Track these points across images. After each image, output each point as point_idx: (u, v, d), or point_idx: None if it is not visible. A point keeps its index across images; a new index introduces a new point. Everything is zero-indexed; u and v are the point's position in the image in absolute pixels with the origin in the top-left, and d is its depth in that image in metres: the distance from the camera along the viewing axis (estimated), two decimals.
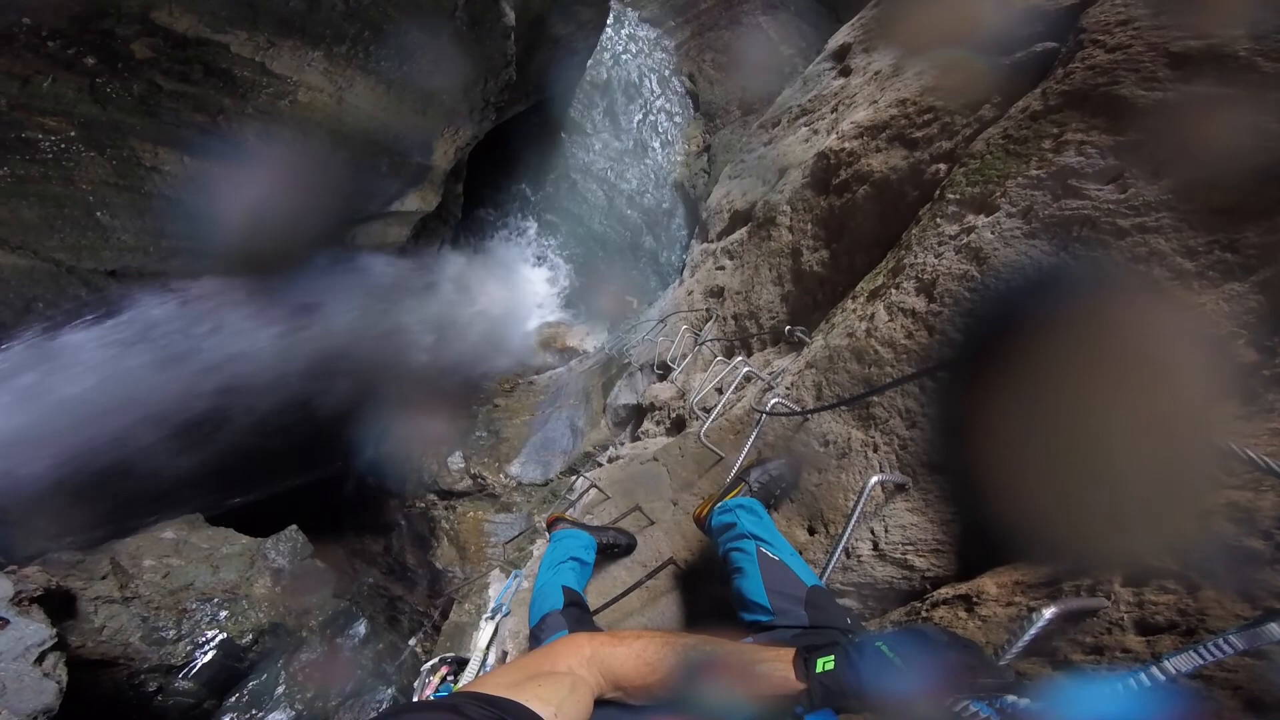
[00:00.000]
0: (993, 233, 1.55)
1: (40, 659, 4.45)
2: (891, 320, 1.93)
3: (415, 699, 2.57)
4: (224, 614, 6.44)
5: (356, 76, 5.94)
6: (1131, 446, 1.01)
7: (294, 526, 7.52)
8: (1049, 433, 1.21)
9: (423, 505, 9.07)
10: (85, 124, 4.77)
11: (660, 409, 5.79)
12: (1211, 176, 1.12)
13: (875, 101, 3.04)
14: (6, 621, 4.50)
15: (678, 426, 5.03)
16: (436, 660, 2.54)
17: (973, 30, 2.44)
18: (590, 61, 13.04)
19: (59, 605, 5.22)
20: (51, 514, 5.92)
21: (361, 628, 7.44)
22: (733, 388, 3.49)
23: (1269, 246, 1.08)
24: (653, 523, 3.06)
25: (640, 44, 14.28)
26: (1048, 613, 1.07)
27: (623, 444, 6.58)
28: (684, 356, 5.76)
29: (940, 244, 1.79)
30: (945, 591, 1.65)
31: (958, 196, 1.77)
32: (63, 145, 4.76)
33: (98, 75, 4.63)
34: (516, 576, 3.06)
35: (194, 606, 6.35)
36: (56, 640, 4.64)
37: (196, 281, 6.16)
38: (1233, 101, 1.10)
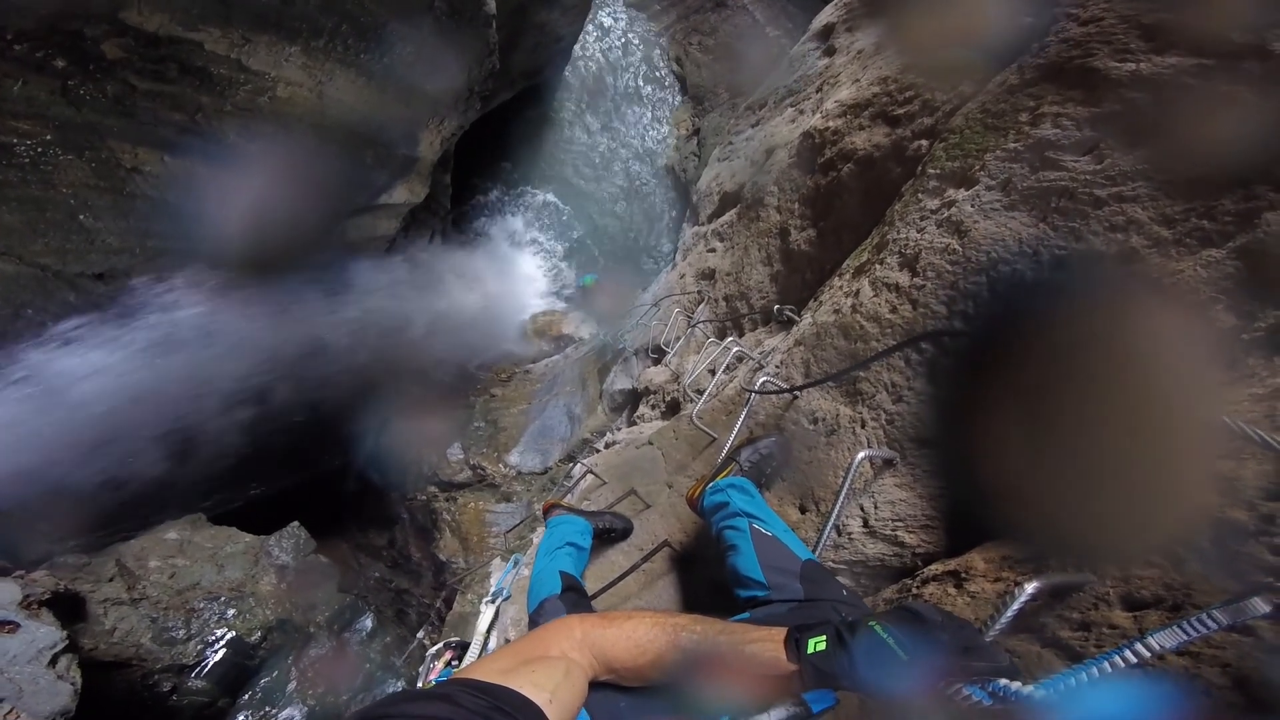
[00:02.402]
0: (973, 206, 1.56)
1: (53, 661, 4.49)
2: (876, 295, 1.93)
3: (420, 684, 2.60)
4: (231, 612, 6.52)
5: (336, 70, 5.85)
6: (1120, 420, 1.00)
7: (295, 523, 7.56)
8: (1033, 405, 1.21)
9: (424, 498, 9.10)
10: (61, 126, 4.69)
11: (655, 393, 5.81)
12: (1187, 146, 1.13)
13: (858, 80, 3.03)
14: (17, 625, 4.52)
15: (673, 409, 5.05)
16: (441, 645, 2.57)
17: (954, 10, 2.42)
18: (576, 47, 12.88)
19: (68, 608, 5.26)
20: (55, 518, 5.92)
21: (368, 621, 7.52)
22: (723, 368, 3.50)
23: (1245, 213, 1.08)
24: (649, 506, 3.08)
25: (626, 28, 14.09)
26: (1030, 587, 1.07)
27: (619, 429, 6.60)
28: (677, 339, 5.76)
29: (922, 219, 1.79)
30: (935, 568, 1.66)
31: (938, 171, 1.76)
32: (39, 149, 4.69)
33: (69, 77, 4.55)
34: (516, 560, 3.09)
35: (202, 606, 6.42)
36: (68, 642, 4.67)
37: (186, 282, 6.12)
38: (1206, 72, 1.10)
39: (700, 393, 3.54)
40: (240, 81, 5.33)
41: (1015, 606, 1.07)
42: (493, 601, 2.82)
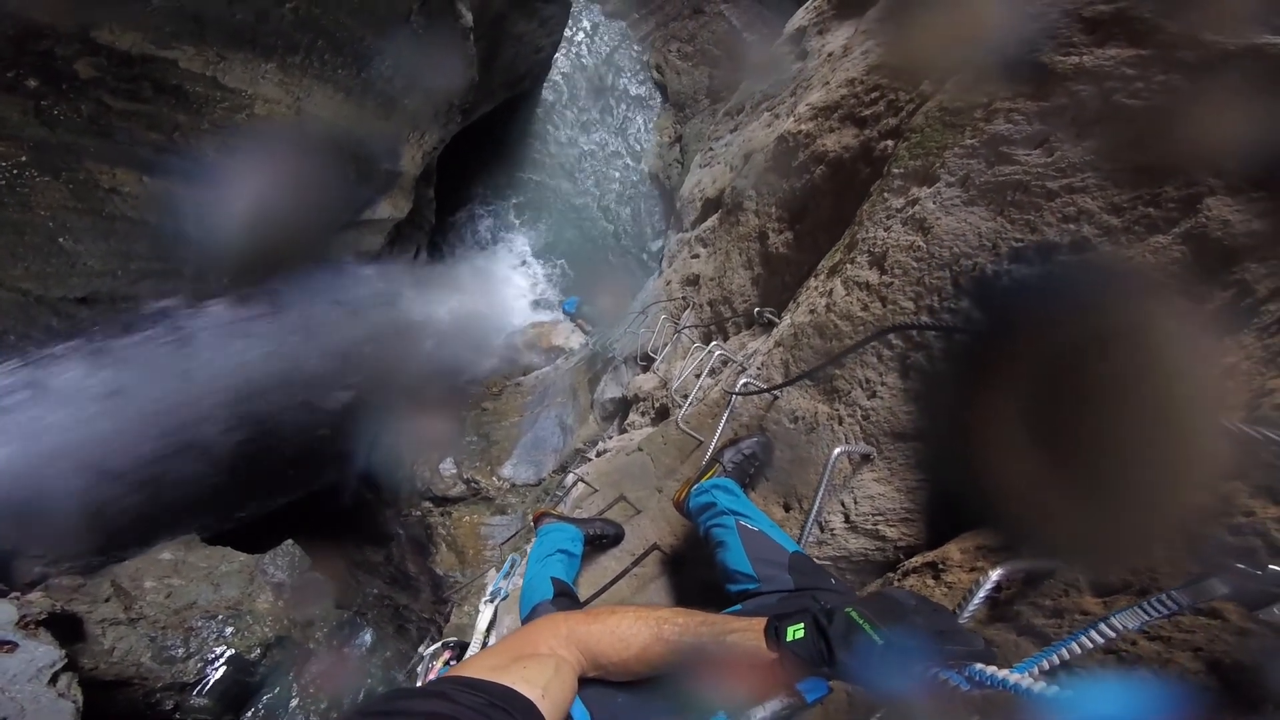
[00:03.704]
0: (934, 203, 1.59)
1: (53, 680, 4.54)
2: (848, 294, 1.97)
3: (420, 684, 2.57)
4: (230, 630, 6.58)
5: (314, 86, 5.85)
6: (1106, 412, 1.01)
7: (289, 541, 7.58)
8: (1002, 393, 1.23)
9: (418, 513, 9.07)
10: (36, 147, 4.65)
11: (644, 400, 5.82)
12: (1130, 135, 1.16)
13: (827, 83, 3.07)
14: (15, 645, 4.56)
15: (662, 415, 5.06)
16: (439, 645, 2.54)
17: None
18: (556, 57, 12.97)
19: (66, 628, 5.31)
20: (47, 540, 5.93)
21: (368, 636, 7.58)
22: (707, 372, 3.53)
23: (1187, 199, 1.12)
24: (639, 511, 3.08)
25: (605, 37, 14.21)
26: (994, 574, 1.08)
27: (611, 437, 6.60)
28: (664, 346, 5.78)
29: (888, 217, 1.83)
30: (915, 561, 1.68)
31: (902, 170, 1.80)
32: (14, 170, 4.64)
33: (43, 97, 4.51)
34: (513, 561, 3.09)
35: (199, 624, 6.48)
36: (67, 661, 4.72)
37: (169, 304, 6.09)
38: (1143, 62, 1.14)
39: (687, 398, 3.56)
40: (217, 99, 5.31)
41: (982, 592, 1.09)
42: (491, 602, 2.83)
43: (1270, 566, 0.82)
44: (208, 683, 6.18)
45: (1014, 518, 1.31)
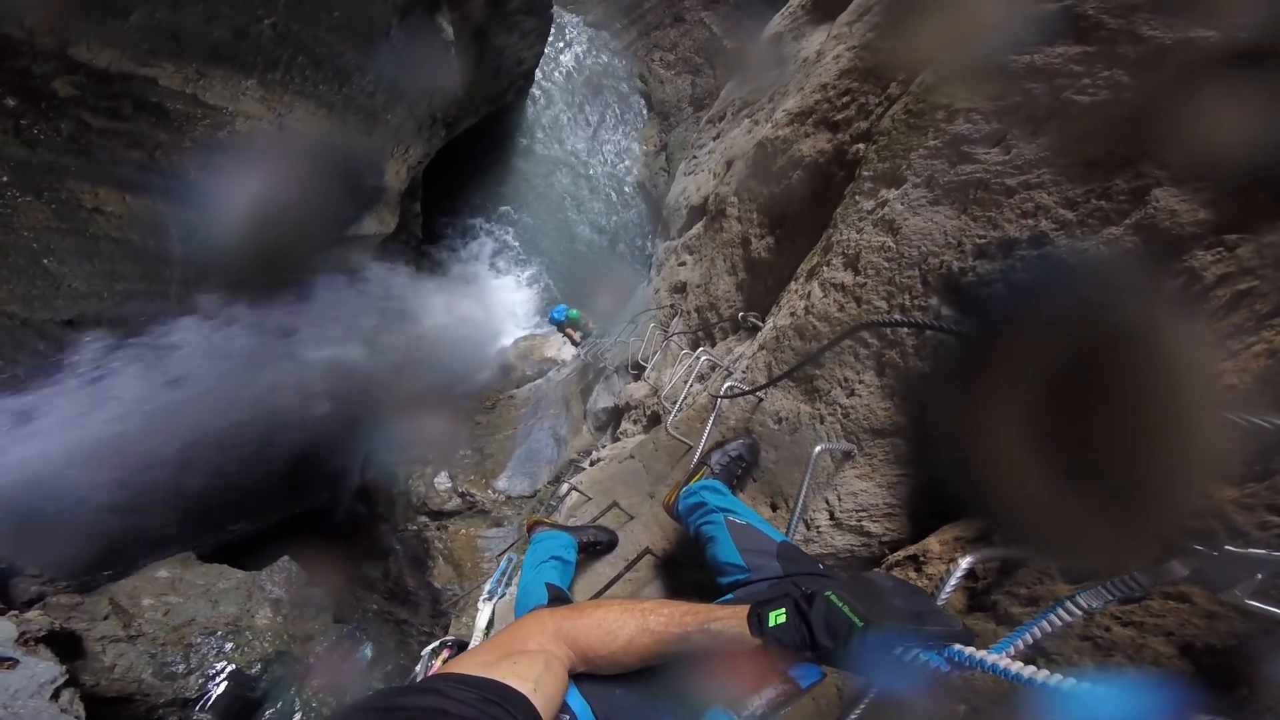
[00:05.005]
0: (902, 204, 1.63)
1: (55, 695, 4.58)
2: (825, 296, 2.00)
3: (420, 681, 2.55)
4: (230, 646, 6.62)
5: (295, 102, 5.86)
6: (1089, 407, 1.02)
7: (285, 557, 7.58)
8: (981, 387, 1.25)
9: (414, 528, 9.04)
10: (16, 167, 4.64)
11: (636, 408, 5.83)
12: (1080, 131, 1.20)
13: (802, 88, 3.13)
14: (16, 661, 4.60)
15: (654, 422, 5.07)
16: (438, 644, 2.54)
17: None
18: (540, 69, 13.04)
19: (65, 645, 5.35)
20: (43, 559, 5.98)
21: (368, 650, 7.59)
22: (694, 377, 3.56)
23: (1136, 191, 1.16)
24: (632, 518, 3.10)
25: (588, 49, 14.32)
26: (964, 562, 1.10)
27: (604, 446, 6.60)
28: (654, 354, 5.80)
29: (860, 219, 1.87)
30: (898, 555, 1.71)
31: (871, 173, 1.84)
32: None
33: (21, 116, 4.51)
34: (510, 560, 3.10)
35: (199, 640, 6.52)
36: (68, 677, 4.76)
37: (156, 325, 6.07)
38: (1088, 59, 1.18)
39: (676, 403, 3.59)
40: (198, 117, 5.32)
41: (954, 579, 1.11)
42: (490, 600, 2.84)
43: (1227, 548, 0.84)
44: (210, 698, 6.21)
45: (988, 506, 1.33)
